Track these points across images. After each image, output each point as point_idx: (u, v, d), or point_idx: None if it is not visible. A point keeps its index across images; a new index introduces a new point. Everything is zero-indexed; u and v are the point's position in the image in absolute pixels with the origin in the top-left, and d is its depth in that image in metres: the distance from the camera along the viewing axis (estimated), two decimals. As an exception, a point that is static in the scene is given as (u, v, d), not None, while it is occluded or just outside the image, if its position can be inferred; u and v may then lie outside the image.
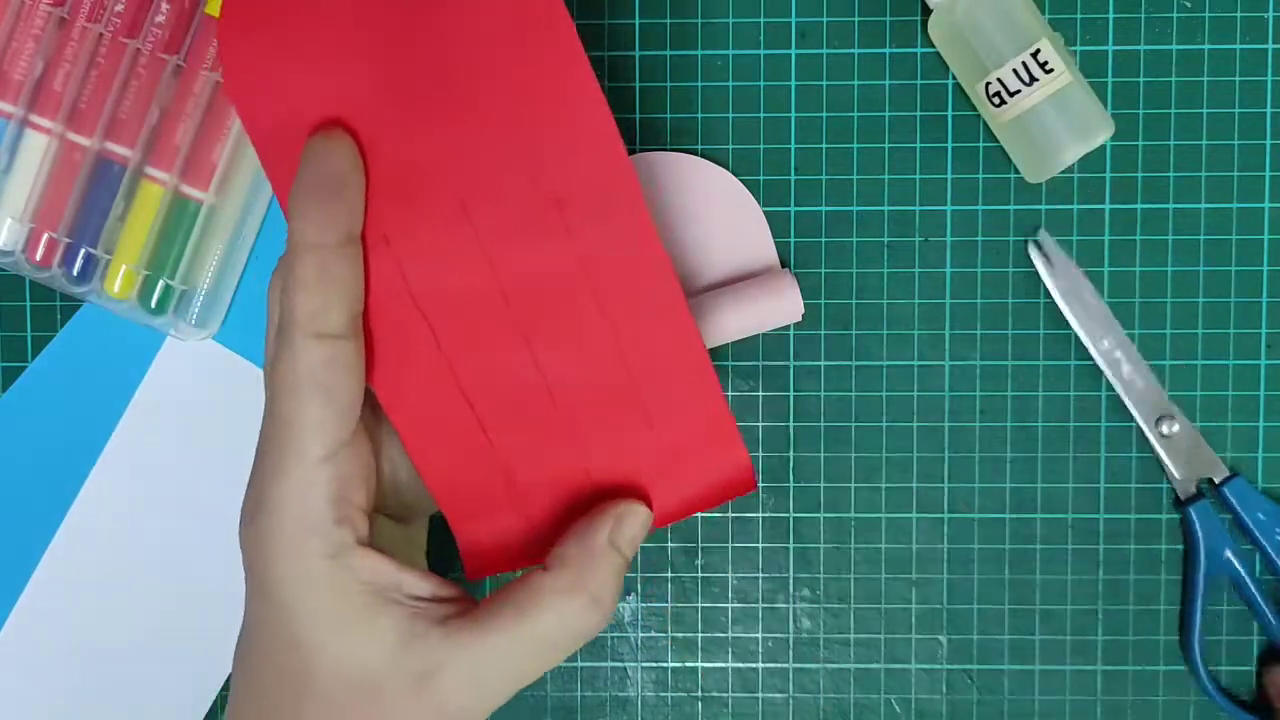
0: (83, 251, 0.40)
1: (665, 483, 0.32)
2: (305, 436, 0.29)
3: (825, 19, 0.41)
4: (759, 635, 0.42)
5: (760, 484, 0.42)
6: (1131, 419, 0.41)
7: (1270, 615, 0.40)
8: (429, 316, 0.31)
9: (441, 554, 0.37)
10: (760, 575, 0.42)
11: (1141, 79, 0.41)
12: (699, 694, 0.42)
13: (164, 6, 0.39)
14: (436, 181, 0.30)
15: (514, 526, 0.33)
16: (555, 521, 0.33)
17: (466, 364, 0.31)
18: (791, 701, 0.42)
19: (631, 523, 0.31)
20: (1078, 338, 0.41)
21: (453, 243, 0.30)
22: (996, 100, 0.38)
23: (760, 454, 0.42)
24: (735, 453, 0.32)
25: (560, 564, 0.30)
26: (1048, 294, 0.41)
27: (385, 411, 0.32)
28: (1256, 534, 0.40)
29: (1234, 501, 0.40)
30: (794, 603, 0.42)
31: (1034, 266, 0.41)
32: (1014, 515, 0.42)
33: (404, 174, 0.30)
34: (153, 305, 0.40)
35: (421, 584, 0.30)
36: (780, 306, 0.40)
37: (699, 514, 0.42)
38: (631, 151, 0.41)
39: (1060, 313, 0.41)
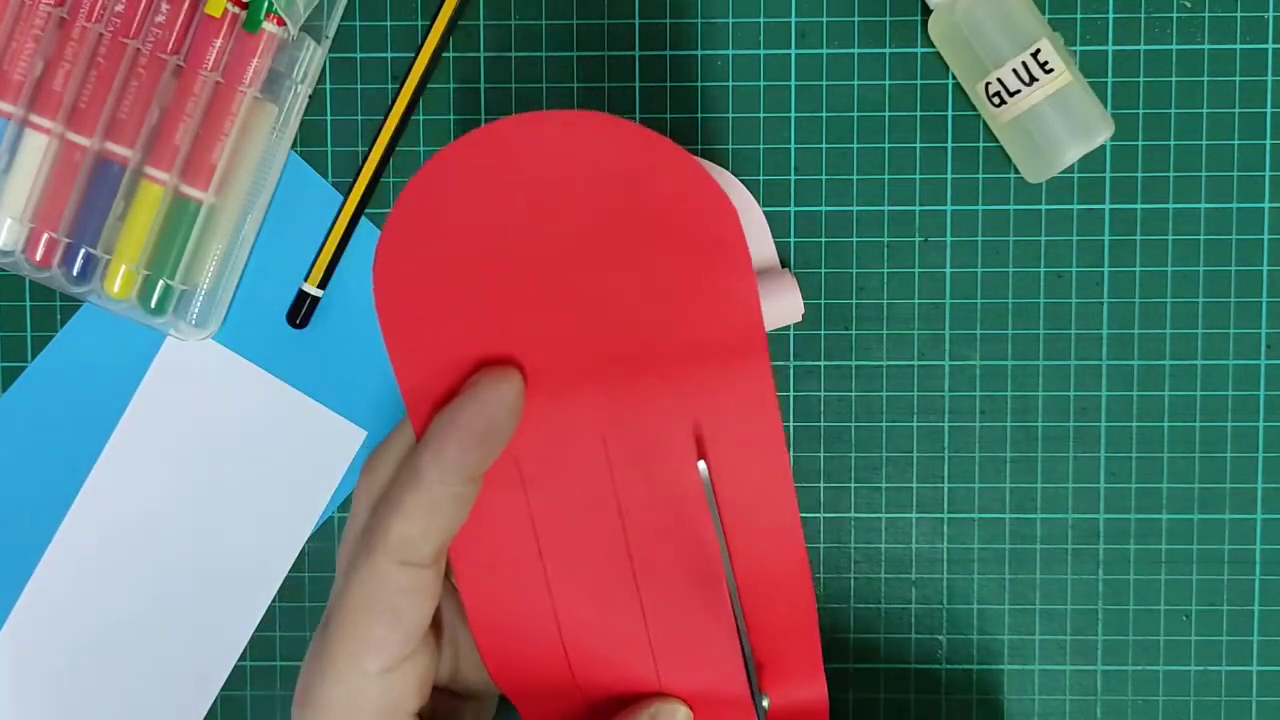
0: (83, 251, 0.40)
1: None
2: (363, 651, 0.28)
3: (825, 19, 0.41)
4: (759, 635, 0.42)
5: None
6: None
7: None
8: (543, 549, 0.30)
9: None
10: (760, 575, 0.42)
11: (1141, 79, 0.41)
12: (699, 694, 0.42)
13: (164, 6, 0.39)
14: (583, 421, 0.30)
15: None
16: None
17: (569, 602, 0.31)
18: (791, 701, 0.42)
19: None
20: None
21: (587, 482, 0.30)
22: (996, 100, 0.38)
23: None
24: (816, 688, 0.32)
25: None
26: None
27: (470, 627, 0.31)
28: None
29: None
30: (794, 603, 0.42)
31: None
32: (1014, 515, 0.42)
33: (554, 411, 0.30)
34: (153, 305, 0.40)
35: None
36: (780, 306, 0.40)
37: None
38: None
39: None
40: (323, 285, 0.41)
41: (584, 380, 0.29)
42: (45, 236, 0.39)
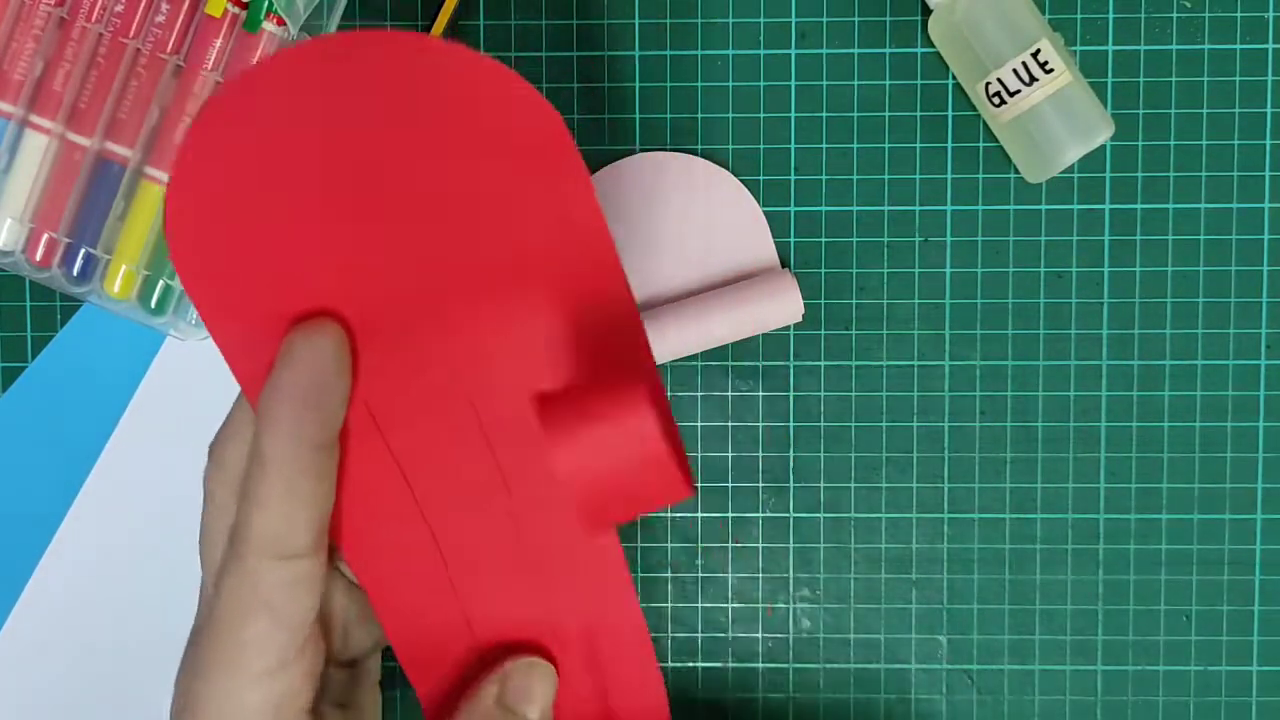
0: (83, 251, 0.40)
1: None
2: (246, 653, 0.26)
3: (825, 19, 0.41)
4: (759, 635, 0.42)
5: (760, 483, 0.42)
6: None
7: None
8: (410, 478, 0.28)
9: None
10: (760, 575, 0.42)
11: (1141, 79, 0.41)
12: (699, 695, 0.42)
13: (164, 6, 0.39)
14: (431, 354, 0.27)
15: (474, 674, 0.31)
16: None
17: (454, 547, 0.29)
18: (791, 702, 0.42)
19: (519, 680, 0.29)
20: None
21: (447, 417, 0.28)
22: (996, 100, 0.38)
23: (760, 454, 0.42)
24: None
25: None
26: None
27: (356, 574, 0.29)
28: None
29: None
30: (794, 603, 0.42)
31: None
32: (1014, 515, 0.42)
33: (399, 350, 0.27)
34: (153, 305, 0.40)
35: None
36: (780, 306, 0.40)
37: (699, 514, 0.42)
38: (631, 152, 0.41)
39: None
40: (323, 285, 0.41)
41: (425, 313, 0.27)
42: (45, 236, 0.39)
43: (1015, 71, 0.37)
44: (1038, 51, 0.37)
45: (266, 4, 0.39)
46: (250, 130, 0.25)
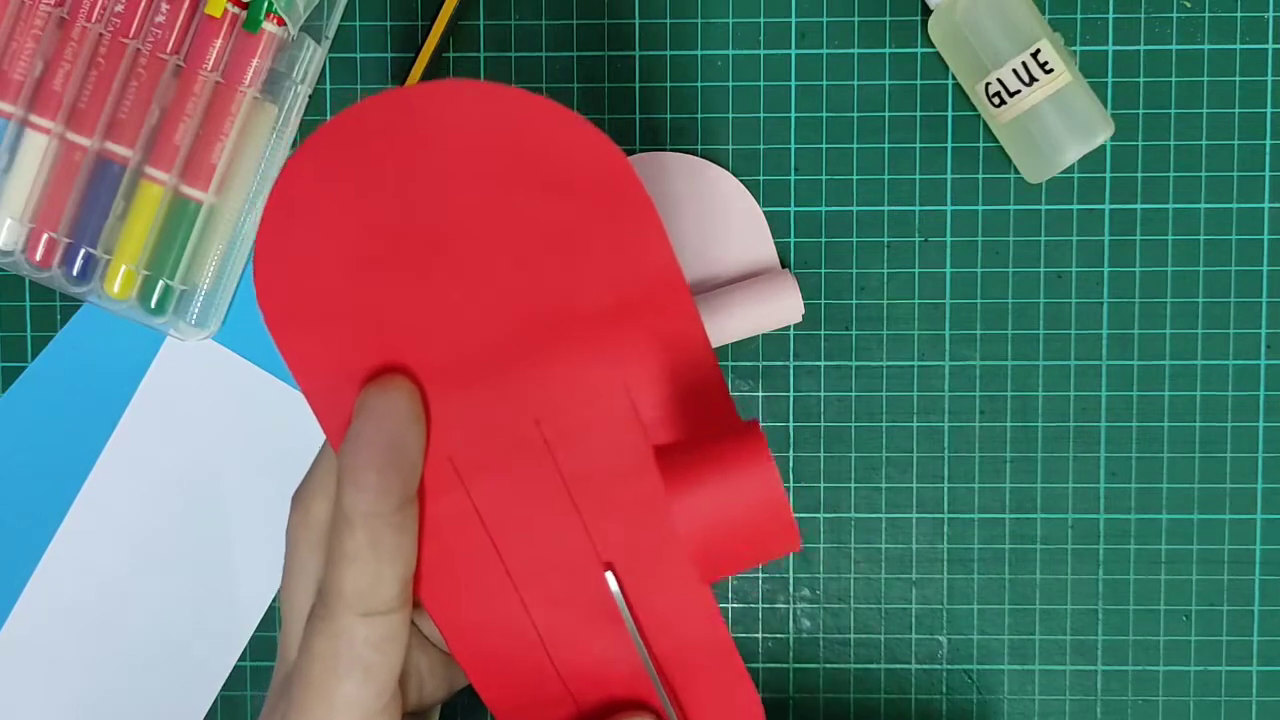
0: (82, 251, 0.40)
1: None
2: (336, 711, 0.26)
3: (825, 19, 0.41)
4: (759, 635, 0.42)
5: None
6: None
7: None
8: (491, 527, 0.28)
9: None
10: (760, 575, 0.42)
11: (1141, 79, 0.41)
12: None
13: (164, 6, 0.39)
14: (510, 403, 0.28)
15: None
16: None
17: (539, 599, 0.29)
18: (791, 702, 0.42)
19: None
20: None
21: (527, 465, 0.28)
22: (996, 100, 0.38)
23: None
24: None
25: None
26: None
27: (438, 623, 0.29)
28: None
29: None
30: (794, 603, 0.42)
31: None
32: (1014, 515, 0.42)
33: (477, 399, 0.27)
34: (152, 305, 0.40)
35: None
36: (780, 307, 0.40)
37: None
38: (631, 152, 0.41)
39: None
40: (323, 285, 0.41)
41: (504, 361, 0.27)
42: (45, 236, 0.39)
43: (1015, 71, 0.37)
44: (1037, 51, 0.37)
45: (266, 4, 0.39)
46: (331, 182, 0.26)
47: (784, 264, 0.41)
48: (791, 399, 0.41)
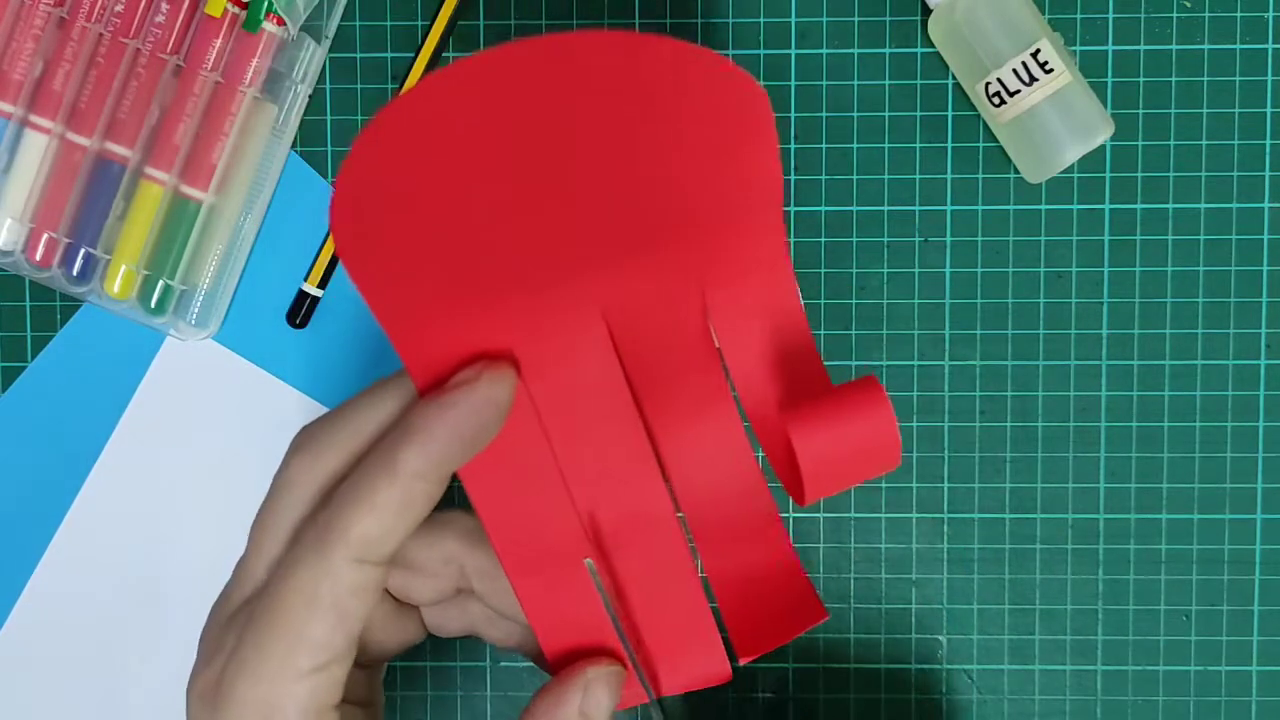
0: (82, 251, 0.40)
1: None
2: (298, 650, 0.26)
3: (825, 19, 0.41)
4: (759, 635, 0.42)
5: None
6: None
7: None
8: (550, 432, 0.28)
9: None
10: (760, 575, 0.42)
11: (1141, 79, 0.41)
12: (699, 695, 0.42)
13: (164, 6, 0.39)
14: (580, 304, 0.28)
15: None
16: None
17: (591, 499, 0.29)
18: (791, 702, 0.42)
19: (599, 691, 0.29)
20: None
21: (593, 365, 0.28)
22: (996, 100, 0.38)
23: (760, 454, 0.42)
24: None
25: None
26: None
27: (483, 522, 0.29)
28: None
29: None
30: (794, 603, 0.42)
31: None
32: (1014, 515, 0.42)
33: (550, 300, 0.28)
34: (152, 305, 0.40)
35: None
36: (780, 306, 0.40)
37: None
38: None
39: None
40: (322, 285, 0.41)
41: (581, 267, 0.28)
42: (45, 236, 0.39)
43: (1015, 71, 0.37)
44: (1037, 51, 0.37)
45: (266, 4, 0.39)
46: (425, 128, 0.25)
47: (784, 264, 0.41)
48: (791, 399, 0.41)
